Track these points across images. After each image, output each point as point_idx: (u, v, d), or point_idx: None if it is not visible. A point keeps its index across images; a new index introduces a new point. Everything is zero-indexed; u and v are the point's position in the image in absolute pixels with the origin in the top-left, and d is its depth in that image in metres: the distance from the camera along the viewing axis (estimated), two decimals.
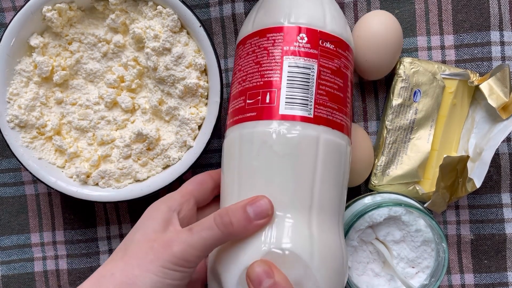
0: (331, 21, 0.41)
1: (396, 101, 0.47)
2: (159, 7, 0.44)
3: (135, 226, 0.38)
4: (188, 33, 0.45)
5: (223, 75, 0.50)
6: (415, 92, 0.47)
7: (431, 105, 0.47)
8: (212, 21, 0.50)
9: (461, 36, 0.49)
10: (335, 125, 0.39)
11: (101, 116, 0.46)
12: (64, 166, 0.46)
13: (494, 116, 0.47)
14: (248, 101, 0.39)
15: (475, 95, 0.48)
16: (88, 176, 0.45)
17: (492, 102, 0.45)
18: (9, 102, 0.45)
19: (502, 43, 0.49)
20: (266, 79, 0.39)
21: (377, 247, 0.44)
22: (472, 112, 0.49)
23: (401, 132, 0.47)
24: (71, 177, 0.46)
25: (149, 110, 0.46)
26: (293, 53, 0.39)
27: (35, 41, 0.44)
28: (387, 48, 0.45)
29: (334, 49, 0.40)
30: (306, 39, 0.39)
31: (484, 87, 0.45)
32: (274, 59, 0.39)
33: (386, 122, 0.47)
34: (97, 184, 0.45)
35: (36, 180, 0.51)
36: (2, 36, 0.44)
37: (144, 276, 0.34)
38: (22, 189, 0.51)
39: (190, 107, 0.45)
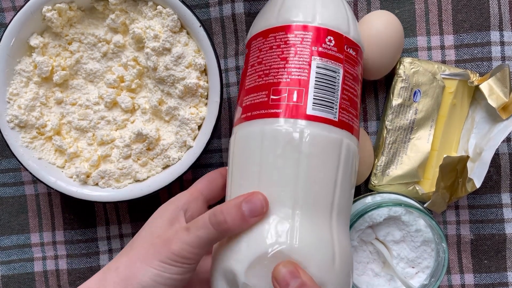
0: (353, 27, 0.41)
1: (396, 101, 0.47)
2: (159, 7, 0.44)
3: (144, 225, 0.39)
4: (188, 33, 0.45)
5: (223, 75, 0.50)
6: (415, 92, 0.47)
7: (431, 105, 0.47)
8: (212, 21, 0.50)
9: (461, 36, 0.49)
10: (353, 130, 0.39)
11: (101, 116, 0.46)
12: (64, 166, 0.46)
13: (494, 116, 0.47)
14: (272, 97, 0.39)
15: (475, 95, 0.48)
16: (88, 176, 0.45)
17: (492, 102, 0.45)
18: (9, 102, 0.45)
19: (502, 43, 0.49)
20: (293, 76, 0.38)
21: (377, 247, 0.44)
22: (472, 112, 0.49)
23: (401, 132, 0.47)
24: (71, 177, 0.46)
25: (149, 110, 0.46)
26: (321, 55, 0.39)
27: (35, 41, 0.44)
28: (387, 48, 0.45)
29: (355, 55, 0.41)
30: (333, 42, 0.39)
31: (484, 87, 0.45)
32: (302, 57, 0.39)
33: (386, 122, 0.47)
34: (97, 184, 0.45)
35: (36, 180, 0.51)
36: (2, 36, 0.44)
37: (145, 269, 0.35)
38: (22, 189, 0.51)
39: (190, 107, 0.45)
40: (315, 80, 0.38)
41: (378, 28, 0.45)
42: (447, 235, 0.50)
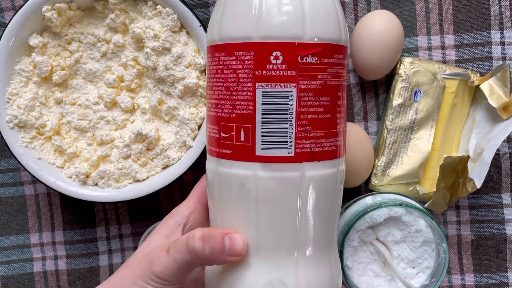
0: (313, 23, 0.33)
1: (396, 101, 0.47)
2: (158, 6, 0.44)
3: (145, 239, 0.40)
4: (187, 32, 0.45)
5: None
6: (415, 92, 0.47)
7: (431, 105, 0.47)
8: None
9: (461, 36, 0.49)
10: (322, 156, 0.34)
11: (100, 116, 0.46)
12: (64, 166, 0.46)
13: (494, 116, 0.46)
14: (222, 135, 0.34)
15: (476, 95, 0.48)
16: (87, 176, 0.45)
17: (493, 102, 0.45)
18: (8, 102, 0.45)
19: (503, 43, 0.48)
20: (238, 111, 0.33)
21: (378, 248, 0.44)
22: (473, 112, 0.48)
23: (402, 132, 0.47)
24: (71, 177, 0.45)
25: (148, 110, 0.46)
26: (267, 79, 0.32)
27: (34, 41, 0.44)
28: (387, 48, 0.45)
29: (318, 61, 0.33)
30: (281, 58, 0.32)
31: (484, 87, 0.45)
32: (246, 86, 0.33)
33: (387, 122, 0.47)
34: (96, 184, 0.45)
35: (35, 180, 0.51)
36: (1, 36, 0.44)
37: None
38: (21, 189, 0.51)
39: (189, 107, 0.45)
40: (262, 114, 0.33)
41: (378, 28, 0.45)
42: (447, 236, 0.50)
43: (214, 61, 0.35)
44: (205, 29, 0.43)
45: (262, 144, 0.33)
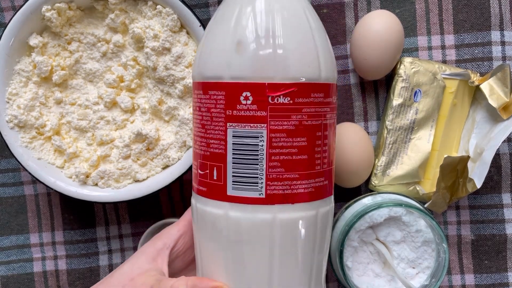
0: (284, 63, 0.32)
1: (396, 101, 0.47)
2: (158, 6, 0.44)
3: (133, 254, 0.39)
4: (187, 32, 0.45)
5: None
6: (415, 92, 0.47)
7: (431, 105, 0.47)
8: None
9: (461, 36, 0.49)
10: (296, 198, 0.33)
11: (100, 116, 0.46)
12: (64, 166, 0.46)
13: (494, 116, 0.46)
14: (199, 172, 0.34)
15: (476, 95, 0.48)
16: (87, 176, 0.45)
17: (493, 102, 0.45)
18: (8, 102, 0.45)
19: (503, 43, 0.48)
20: (212, 149, 0.33)
21: (378, 248, 0.44)
22: (473, 112, 0.48)
23: (402, 132, 0.47)
24: (71, 177, 0.45)
25: (148, 110, 0.46)
26: (237, 119, 0.32)
27: (34, 41, 0.44)
28: (387, 48, 0.45)
29: (290, 101, 0.32)
30: (251, 99, 0.32)
31: (484, 87, 0.45)
32: (218, 125, 0.33)
33: (387, 122, 0.47)
34: (96, 184, 0.45)
35: (35, 180, 0.51)
36: (1, 36, 0.44)
37: None
38: (21, 189, 0.51)
39: (189, 107, 0.45)
40: (233, 153, 0.32)
41: (378, 28, 0.45)
42: (447, 236, 0.50)
43: (194, 98, 0.35)
44: (205, 29, 0.43)
45: (233, 184, 0.33)
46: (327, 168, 0.35)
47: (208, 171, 0.33)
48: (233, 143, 0.32)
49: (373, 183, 0.48)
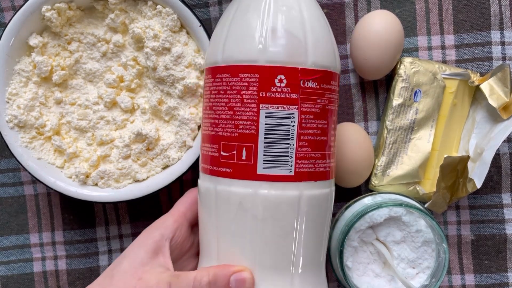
0: (314, 51, 0.35)
1: (396, 101, 0.47)
2: (158, 6, 0.44)
3: (126, 250, 0.38)
4: (187, 32, 0.45)
5: None
6: (415, 92, 0.47)
7: (431, 105, 0.47)
8: (212, 21, 0.50)
9: (461, 36, 0.49)
10: (318, 176, 0.36)
11: (100, 116, 0.46)
12: (63, 166, 0.46)
13: (494, 116, 0.46)
14: (222, 153, 0.35)
15: (476, 95, 0.48)
16: (87, 176, 0.45)
17: (493, 102, 0.45)
18: (8, 102, 0.45)
19: (503, 43, 0.48)
20: (241, 131, 0.35)
21: (378, 248, 0.44)
22: (473, 112, 0.48)
23: (402, 132, 0.47)
24: (70, 177, 0.45)
25: (148, 110, 0.46)
26: (271, 101, 0.34)
27: (34, 41, 0.44)
28: (387, 48, 0.45)
29: (317, 86, 0.35)
30: (285, 82, 0.34)
31: (484, 87, 0.45)
32: (249, 107, 0.34)
33: (387, 122, 0.47)
34: (96, 184, 0.45)
35: (35, 180, 0.51)
36: (1, 36, 0.44)
37: None
38: (21, 189, 0.51)
39: (189, 107, 0.45)
40: (265, 134, 0.34)
41: (378, 28, 0.45)
42: (447, 236, 0.50)
43: (216, 82, 0.36)
44: (205, 29, 0.43)
45: (264, 163, 0.34)
46: (334, 152, 0.38)
47: (235, 152, 0.35)
48: (265, 124, 0.34)
49: (373, 183, 0.48)
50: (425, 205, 0.45)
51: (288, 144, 0.34)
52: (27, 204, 0.51)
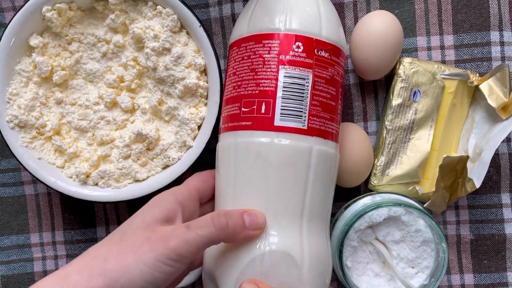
0: (327, 27, 0.40)
1: (395, 101, 0.47)
2: (158, 7, 0.44)
3: (138, 211, 0.38)
4: (187, 33, 0.45)
5: (223, 75, 0.50)
6: (414, 92, 0.47)
7: (430, 105, 0.47)
8: (212, 21, 0.50)
9: (461, 36, 0.49)
10: (327, 135, 0.40)
11: (100, 116, 0.46)
12: (64, 166, 0.46)
13: (493, 116, 0.47)
14: (243, 109, 0.40)
15: (475, 95, 0.48)
16: (87, 176, 0.45)
17: (492, 102, 0.45)
18: (8, 102, 0.45)
19: (502, 43, 0.49)
20: (261, 88, 0.39)
21: (377, 247, 0.44)
22: (472, 112, 0.49)
23: (401, 132, 0.47)
24: (71, 177, 0.45)
25: (148, 110, 0.46)
26: (289, 63, 0.39)
27: (34, 41, 0.44)
28: (387, 48, 0.45)
29: (329, 57, 0.40)
30: (302, 48, 0.39)
31: (483, 87, 0.45)
32: (270, 68, 0.39)
33: (386, 122, 0.47)
34: (96, 184, 0.45)
35: (35, 180, 0.51)
36: (1, 36, 0.44)
37: (136, 266, 0.33)
38: (21, 189, 0.51)
39: (189, 107, 0.45)
40: (283, 90, 0.39)
41: (378, 28, 0.45)
42: (447, 235, 0.50)
43: (241, 51, 0.41)
44: (205, 30, 0.43)
45: (281, 116, 0.38)
46: (340, 120, 0.42)
47: (255, 106, 0.39)
48: (284, 82, 0.39)
49: (372, 183, 0.48)
50: (425, 205, 0.45)
51: (303, 101, 0.39)
52: (28, 204, 0.51)
